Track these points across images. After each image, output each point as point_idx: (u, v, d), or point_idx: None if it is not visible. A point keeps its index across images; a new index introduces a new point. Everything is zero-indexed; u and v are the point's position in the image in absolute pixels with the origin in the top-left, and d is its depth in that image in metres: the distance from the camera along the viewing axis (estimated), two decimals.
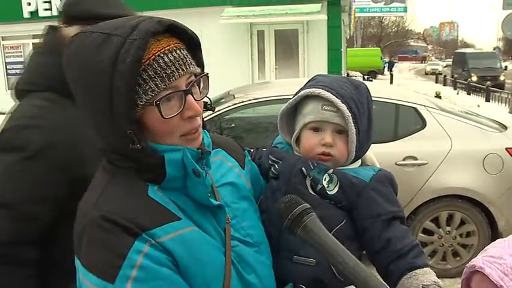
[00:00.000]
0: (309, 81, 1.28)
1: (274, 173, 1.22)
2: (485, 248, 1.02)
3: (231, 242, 0.98)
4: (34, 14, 14.90)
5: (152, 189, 0.93)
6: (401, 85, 23.29)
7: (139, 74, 0.87)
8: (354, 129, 1.16)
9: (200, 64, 0.98)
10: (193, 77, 0.94)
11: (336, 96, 1.16)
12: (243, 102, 4.15)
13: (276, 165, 1.22)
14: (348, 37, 25.54)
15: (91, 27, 0.93)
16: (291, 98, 1.26)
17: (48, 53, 1.44)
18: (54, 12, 14.67)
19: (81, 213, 0.92)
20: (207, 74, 0.98)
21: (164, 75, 0.88)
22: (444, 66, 41.23)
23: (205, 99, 1.02)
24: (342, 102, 1.15)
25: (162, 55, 0.89)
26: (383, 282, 0.80)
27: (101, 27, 0.91)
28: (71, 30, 1.36)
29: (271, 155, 1.26)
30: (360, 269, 0.79)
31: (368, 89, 1.25)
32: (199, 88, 0.96)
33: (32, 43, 15.59)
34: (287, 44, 13.75)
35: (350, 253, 0.83)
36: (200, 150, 0.97)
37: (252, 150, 1.36)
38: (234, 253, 0.98)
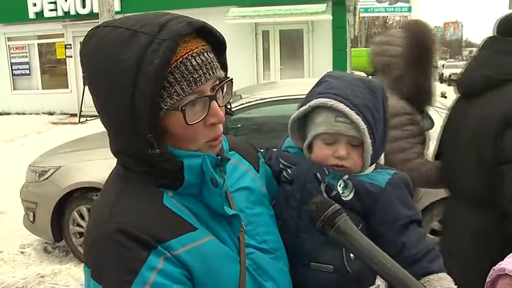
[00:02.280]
0: (319, 82, 1.21)
1: (288, 178, 1.17)
2: None
3: (246, 250, 0.95)
4: (39, 15, 14.94)
5: (167, 196, 0.90)
6: None
7: (166, 77, 0.83)
8: (370, 141, 1.11)
9: (224, 67, 0.94)
10: (217, 82, 0.90)
11: (350, 108, 1.09)
12: (249, 102, 4.13)
13: (289, 170, 1.18)
14: (352, 37, 25.48)
15: (114, 21, 0.88)
16: (297, 98, 1.21)
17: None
18: (60, 13, 14.72)
19: (94, 222, 0.88)
20: (232, 79, 0.93)
21: (191, 79, 0.84)
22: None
23: None
24: (357, 114, 1.09)
25: (190, 58, 0.85)
26: (420, 282, 0.77)
27: (126, 23, 0.86)
28: None
29: (282, 159, 1.22)
30: (397, 269, 0.77)
31: (383, 89, 1.19)
32: (222, 93, 0.92)
33: (38, 44, 15.67)
34: (292, 44, 13.73)
35: (384, 253, 0.81)
36: (219, 157, 0.93)
37: (261, 150, 1.32)
38: (250, 261, 0.94)
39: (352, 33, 23.31)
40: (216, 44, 0.92)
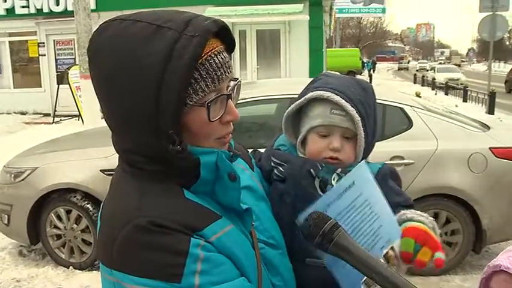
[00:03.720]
0: (314, 80, 1.25)
1: (280, 176, 1.19)
2: (508, 248, 1.02)
3: (258, 245, 0.97)
4: (10, 11, 14.55)
5: (186, 191, 0.89)
6: (381, 85, 23.56)
7: (193, 73, 0.83)
8: (363, 133, 1.15)
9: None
10: (231, 82, 0.92)
11: (345, 100, 1.14)
12: None
13: (281, 168, 1.20)
14: (327, 37, 25.70)
15: (128, 15, 0.86)
16: (276, 98, 1.25)
17: None
18: (32, 10, 14.38)
19: (119, 223, 0.83)
20: (240, 80, 0.96)
21: (214, 76, 0.86)
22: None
23: None
24: (352, 106, 1.14)
25: (213, 56, 0.86)
26: (413, 286, 0.80)
27: (146, 17, 0.84)
28: None
29: (274, 157, 1.23)
30: (395, 277, 0.80)
31: (373, 88, 1.24)
32: (233, 93, 0.94)
33: (9, 41, 15.28)
34: (269, 44, 13.76)
35: (381, 263, 0.84)
36: (231, 153, 0.94)
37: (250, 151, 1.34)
38: (261, 255, 0.96)
39: (327, 34, 23.51)
40: (228, 44, 0.94)
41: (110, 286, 0.85)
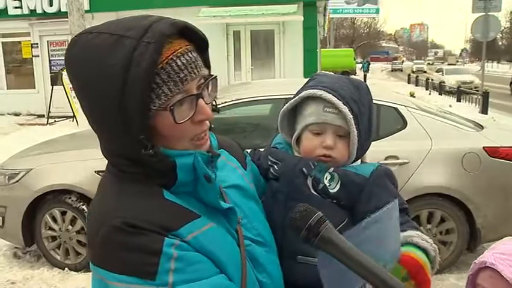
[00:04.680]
0: (309, 80, 1.27)
1: (274, 174, 1.22)
2: (493, 246, 1.04)
3: (244, 242, 0.99)
4: (3, 12, 14.46)
5: (166, 192, 0.92)
6: (375, 85, 23.65)
7: (153, 78, 0.85)
8: (356, 131, 1.16)
9: (207, 65, 0.97)
10: (202, 80, 0.92)
11: (337, 98, 1.16)
12: (226, 102, 4.13)
13: (276, 166, 1.22)
14: (321, 38, 25.76)
15: (96, 27, 0.90)
16: (271, 99, 1.26)
17: None
18: (25, 11, 14.30)
19: (97, 223, 0.88)
20: (216, 76, 0.96)
21: (177, 79, 0.87)
22: None
23: None
24: (344, 104, 1.15)
25: (175, 58, 0.87)
26: (399, 281, 0.81)
27: (109, 28, 0.88)
28: None
29: (271, 156, 1.26)
30: (382, 272, 0.81)
31: (368, 87, 1.25)
32: (208, 91, 0.95)
33: (2, 42, 15.20)
34: (263, 45, 13.77)
35: (368, 258, 0.84)
36: (210, 154, 0.96)
37: (248, 151, 1.35)
38: (247, 252, 0.98)
39: (322, 34, 23.55)
40: (199, 42, 0.95)
41: (96, 283, 0.89)
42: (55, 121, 12.57)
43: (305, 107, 1.22)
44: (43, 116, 13.26)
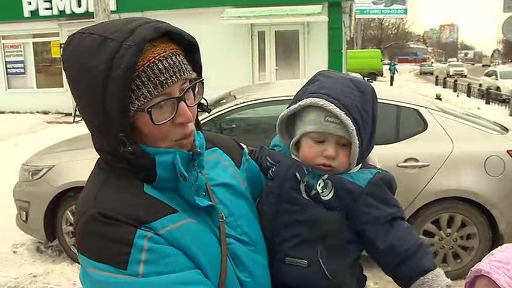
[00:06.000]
0: (310, 80, 1.22)
1: (271, 175, 1.21)
2: (491, 253, 1.01)
3: (227, 240, 1.00)
4: (34, 13, 14.89)
5: (147, 186, 0.96)
6: (402, 87, 23.29)
7: (133, 80, 0.88)
8: (358, 142, 1.12)
9: (198, 67, 0.99)
10: (187, 83, 0.94)
11: (340, 108, 1.10)
12: (244, 102, 4.13)
13: (273, 168, 1.21)
14: (348, 39, 25.55)
15: (90, 27, 0.94)
16: (291, 99, 1.22)
17: None
18: (55, 12, 14.67)
19: (79, 212, 0.94)
20: (202, 80, 0.99)
21: (157, 82, 0.89)
22: None
23: (202, 101, 1.03)
24: (347, 115, 1.10)
25: (157, 62, 0.89)
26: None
27: (100, 29, 0.91)
28: None
29: (269, 157, 1.25)
30: None
31: (373, 90, 1.19)
32: (194, 93, 0.97)
33: (33, 42, 15.61)
34: (287, 45, 13.74)
35: None
36: (191, 152, 0.98)
37: (253, 148, 1.35)
38: (229, 250, 0.99)
39: (348, 35, 23.36)
40: (188, 45, 0.97)
41: (81, 269, 0.94)
42: (81, 119, 12.81)
43: (306, 114, 1.17)
44: (70, 114, 13.56)
